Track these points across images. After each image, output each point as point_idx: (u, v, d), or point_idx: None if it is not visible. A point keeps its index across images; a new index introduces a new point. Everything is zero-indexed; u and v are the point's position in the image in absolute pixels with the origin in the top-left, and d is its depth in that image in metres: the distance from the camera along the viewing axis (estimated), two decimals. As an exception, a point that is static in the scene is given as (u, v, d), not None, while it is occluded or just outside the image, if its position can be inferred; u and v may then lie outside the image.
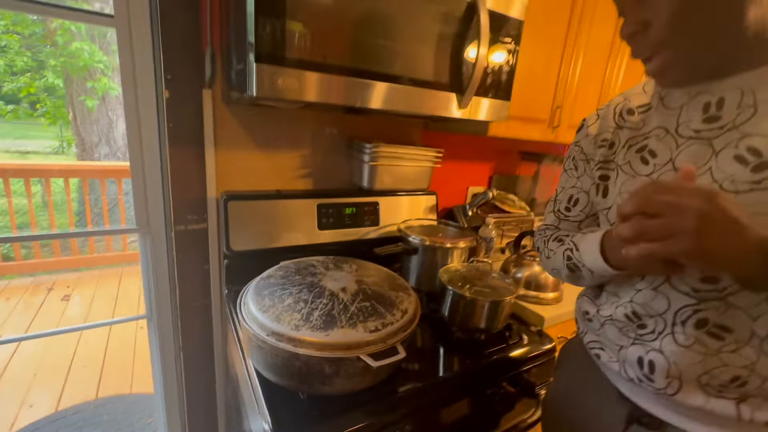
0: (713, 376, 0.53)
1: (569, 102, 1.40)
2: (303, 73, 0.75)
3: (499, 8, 0.96)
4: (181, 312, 1.12)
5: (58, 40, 4.10)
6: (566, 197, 0.75)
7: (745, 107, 0.50)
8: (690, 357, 0.53)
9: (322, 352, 0.61)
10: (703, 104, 0.54)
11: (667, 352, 0.55)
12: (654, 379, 0.57)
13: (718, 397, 0.53)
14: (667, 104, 0.59)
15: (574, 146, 0.74)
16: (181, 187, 1.03)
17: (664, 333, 0.56)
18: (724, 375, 0.52)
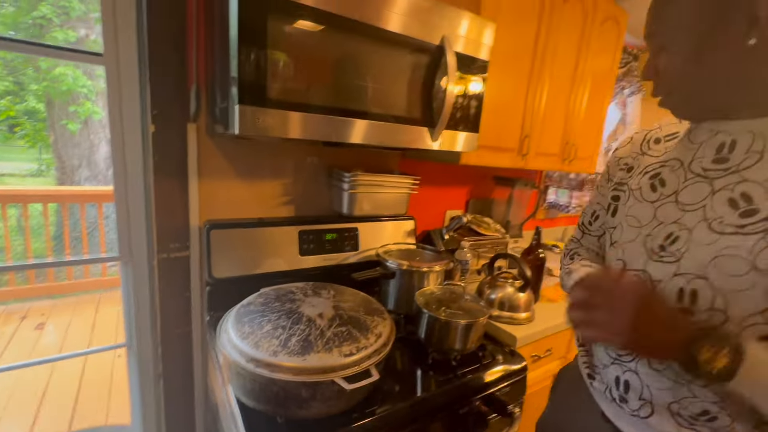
0: (683, 405, 0.54)
1: (537, 131, 1.50)
2: (283, 113, 0.81)
3: (465, 50, 1.05)
4: (162, 340, 1.13)
5: (41, 65, 4.10)
6: (590, 212, 0.81)
7: (753, 153, 0.52)
8: (661, 382, 0.56)
9: (298, 377, 0.64)
10: (718, 144, 0.56)
11: (641, 373, 0.58)
12: (628, 400, 0.60)
13: (689, 429, 0.55)
14: (691, 138, 0.61)
15: (605, 165, 0.78)
16: (165, 216, 1.06)
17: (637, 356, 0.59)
18: (694, 407, 0.53)
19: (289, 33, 0.79)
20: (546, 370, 1.32)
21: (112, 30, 0.98)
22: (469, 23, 1.03)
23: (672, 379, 0.55)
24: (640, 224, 0.62)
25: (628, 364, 0.60)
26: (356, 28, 0.86)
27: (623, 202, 0.67)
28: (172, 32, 0.97)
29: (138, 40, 1.00)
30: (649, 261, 0.59)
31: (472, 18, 1.03)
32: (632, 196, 0.66)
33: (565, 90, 1.57)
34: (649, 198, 0.62)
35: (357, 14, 0.85)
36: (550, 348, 1.29)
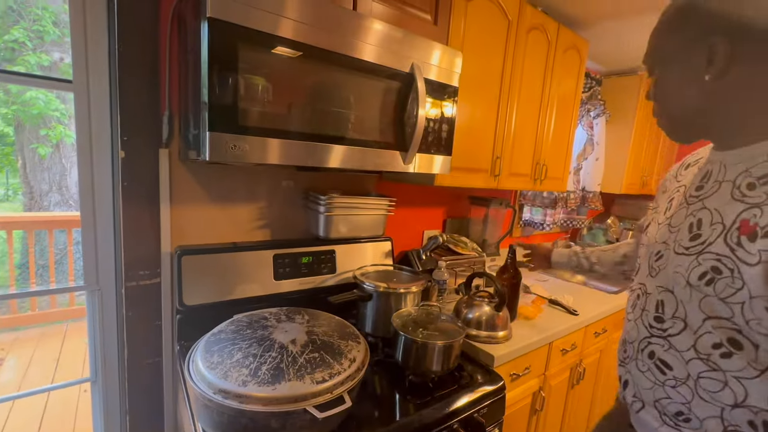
0: (663, 405, 0.62)
1: (508, 153, 1.56)
2: (255, 139, 0.81)
3: (435, 77, 1.09)
4: (129, 372, 1.08)
5: (11, 88, 4.01)
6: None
7: (716, 182, 0.59)
8: (645, 382, 0.65)
9: (267, 407, 0.62)
10: (704, 173, 0.63)
11: (633, 374, 0.68)
12: (626, 396, 0.70)
13: (670, 426, 0.62)
14: (699, 166, 0.67)
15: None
16: (134, 243, 1.03)
17: (632, 358, 0.68)
18: (671, 407, 0.61)
19: (261, 61, 0.80)
20: (525, 388, 1.32)
21: (82, 56, 0.98)
22: (438, 52, 1.08)
23: (651, 380, 0.64)
24: (648, 242, 0.70)
25: (627, 366, 0.70)
26: (328, 57, 0.89)
27: (649, 222, 0.75)
28: (145, 59, 0.98)
29: (109, 66, 1.01)
30: (649, 276, 0.67)
31: (440, 48, 1.08)
32: (654, 218, 0.73)
33: (534, 113, 1.64)
34: (659, 220, 0.70)
35: (328, 44, 0.88)
36: (528, 366, 1.29)
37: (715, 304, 0.53)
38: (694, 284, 0.55)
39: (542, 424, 1.46)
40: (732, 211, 0.54)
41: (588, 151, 2.32)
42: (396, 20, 1.11)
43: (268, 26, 0.79)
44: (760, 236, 0.49)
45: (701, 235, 0.57)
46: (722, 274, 0.52)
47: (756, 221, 0.50)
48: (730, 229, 0.53)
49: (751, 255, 0.49)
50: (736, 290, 0.51)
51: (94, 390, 1.14)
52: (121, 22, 0.94)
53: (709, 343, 0.55)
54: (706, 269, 0.54)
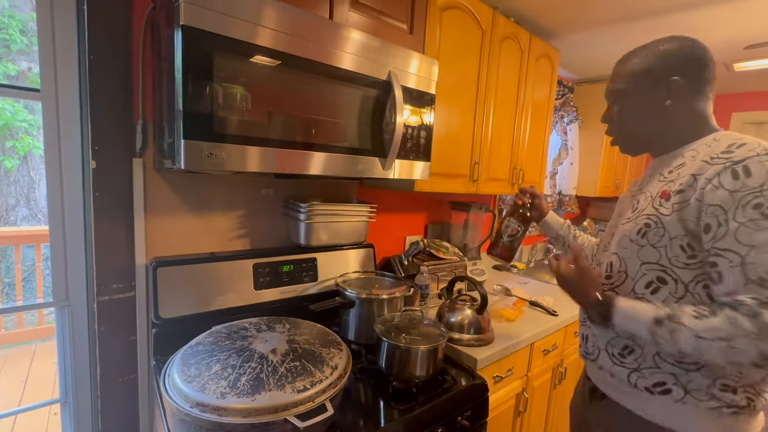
0: (613, 345, 0.80)
1: (486, 158, 1.59)
2: (231, 146, 0.81)
3: (412, 85, 1.11)
4: (102, 391, 1.04)
5: (-25, 98, 3.84)
6: None
7: (649, 177, 0.83)
8: (601, 330, 0.82)
9: (247, 419, 0.61)
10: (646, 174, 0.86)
11: (592, 327, 0.85)
12: (588, 348, 0.87)
13: (618, 365, 0.79)
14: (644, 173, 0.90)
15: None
16: (107, 256, 1.00)
17: None
18: (619, 343, 0.78)
19: (236, 68, 0.80)
20: (509, 390, 1.33)
21: (50, 64, 0.95)
22: (415, 61, 1.10)
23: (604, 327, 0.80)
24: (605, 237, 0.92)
25: (585, 323, 0.88)
26: (305, 66, 0.89)
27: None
28: (117, 67, 0.96)
29: (79, 74, 0.98)
30: (602, 252, 0.89)
31: (416, 56, 1.10)
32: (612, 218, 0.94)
33: (509, 119, 1.69)
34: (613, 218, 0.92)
35: (305, 52, 0.88)
36: (511, 367, 1.31)
37: (649, 251, 0.73)
38: (634, 239, 0.75)
39: (526, 425, 1.47)
40: (656, 188, 0.76)
41: (563, 156, 2.40)
42: (372, 29, 1.13)
43: (243, 34, 0.79)
44: (673, 195, 0.71)
45: (638, 207, 0.79)
46: (650, 227, 0.73)
47: (670, 189, 0.72)
48: (654, 198, 0.75)
49: (667, 209, 0.71)
50: (660, 237, 0.71)
51: (65, 411, 1.09)
52: (91, 30, 0.92)
53: (643, 284, 0.75)
54: (641, 226, 0.74)
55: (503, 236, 1.16)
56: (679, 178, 0.71)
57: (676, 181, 0.72)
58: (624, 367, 0.77)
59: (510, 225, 1.16)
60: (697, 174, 0.68)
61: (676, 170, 0.74)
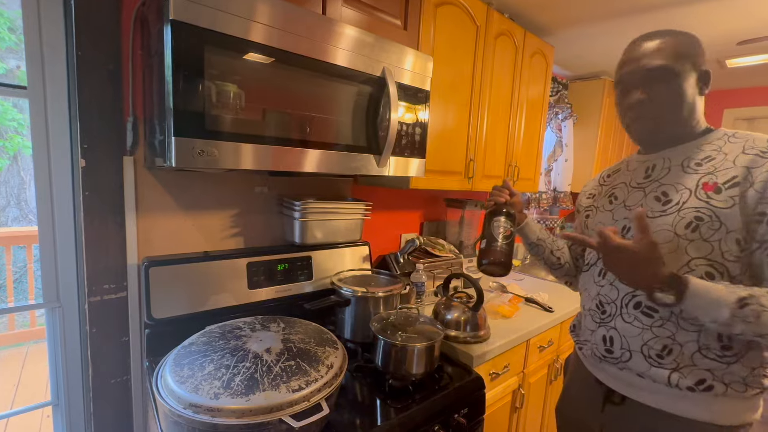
0: (650, 346, 0.75)
1: (480, 155, 1.59)
2: (223, 144, 0.79)
3: (407, 81, 1.10)
4: (95, 393, 1.02)
5: (-38, 97, 3.78)
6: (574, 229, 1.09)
7: (664, 169, 0.81)
8: (632, 331, 0.77)
9: (241, 419, 0.60)
10: (645, 167, 0.85)
11: (619, 328, 0.80)
12: (613, 351, 0.81)
13: (656, 367, 0.74)
14: (629, 168, 0.91)
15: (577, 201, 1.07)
16: (98, 256, 0.98)
17: (615, 314, 0.80)
18: (657, 345, 0.74)
19: (228, 64, 0.79)
20: (505, 386, 1.34)
21: (37, 61, 0.93)
22: (409, 57, 1.09)
23: (639, 326, 0.76)
24: (604, 225, 0.87)
25: (609, 324, 0.82)
26: (298, 61, 0.88)
27: (592, 217, 0.94)
28: (106, 63, 0.94)
29: (68, 71, 0.96)
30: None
31: (411, 52, 1.09)
32: (598, 211, 0.93)
33: (504, 116, 1.68)
34: (608, 208, 0.90)
35: (298, 48, 0.87)
36: (507, 364, 1.31)
37: (700, 245, 0.70)
38: (682, 234, 0.71)
39: (523, 421, 1.48)
40: (690, 180, 0.74)
41: (558, 153, 2.40)
42: (366, 25, 1.12)
43: (234, 30, 0.78)
44: (726, 189, 0.69)
45: (672, 200, 0.75)
46: (703, 221, 0.70)
47: (715, 180, 0.71)
48: (696, 190, 0.72)
49: (724, 201, 0.69)
50: (715, 230, 0.69)
51: (56, 414, 1.07)
52: (79, 26, 0.90)
53: None
54: (689, 220, 0.71)
55: (497, 240, 0.92)
56: (720, 170, 0.71)
57: (717, 173, 0.71)
58: (663, 368, 0.74)
59: (504, 225, 0.95)
60: (750, 167, 0.68)
61: (706, 163, 0.74)
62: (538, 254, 1.08)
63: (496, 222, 0.95)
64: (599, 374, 0.87)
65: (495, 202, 1.02)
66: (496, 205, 1.01)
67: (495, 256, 0.91)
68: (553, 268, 1.08)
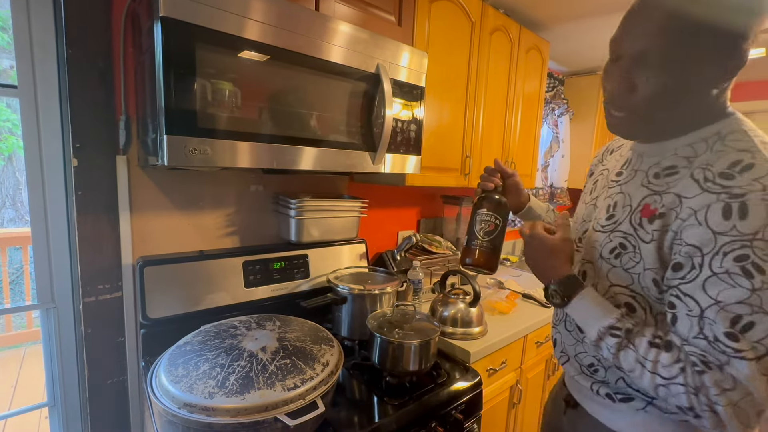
0: (581, 358, 0.73)
1: (477, 151, 1.58)
2: (216, 142, 0.79)
3: (401, 78, 1.09)
4: (91, 393, 1.02)
5: (-45, 98, 3.74)
6: None
7: (632, 171, 0.68)
8: (570, 339, 0.75)
9: (236, 418, 0.60)
10: (626, 159, 0.72)
11: (562, 333, 0.78)
12: (556, 353, 0.80)
13: (587, 375, 0.72)
14: (622, 153, 0.77)
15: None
16: (92, 256, 0.98)
17: (561, 320, 0.79)
18: (586, 360, 0.72)
19: (220, 61, 0.78)
20: (503, 382, 1.34)
21: (27, 60, 0.92)
22: (404, 53, 1.09)
23: (574, 338, 0.74)
24: (577, 220, 0.80)
25: (558, 327, 0.80)
26: (291, 58, 0.87)
27: (581, 202, 0.84)
28: (97, 61, 0.93)
29: (58, 70, 0.95)
30: (576, 252, 0.76)
31: (405, 48, 1.09)
32: (582, 198, 0.83)
33: (500, 112, 1.68)
34: (585, 200, 0.80)
35: (291, 45, 0.86)
36: (504, 360, 1.31)
37: (620, 273, 0.64)
38: (605, 257, 0.66)
39: (520, 417, 1.48)
40: (638, 196, 0.64)
41: (554, 149, 2.40)
42: (360, 21, 1.11)
43: (226, 26, 0.77)
44: (655, 219, 0.59)
45: (615, 215, 0.67)
46: (626, 249, 0.63)
47: (656, 206, 0.60)
48: (634, 211, 0.63)
49: (647, 234, 0.60)
50: (636, 263, 0.61)
51: (53, 415, 1.07)
52: (69, 24, 0.89)
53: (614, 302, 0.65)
54: (615, 245, 0.65)
55: (478, 236, 0.81)
56: (666, 192, 0.59)
57: (662, 195, 0.60)
58: (590, 377, 0.72)
59: (485, 219, 0.81)
60: (682, 195, 0.56)
61: (665, 177, 0.61)
62: None
63: (479, 215, 0.81)
64: (565, 375, 0.85)
65: (482, 189, 0.86)
66: (483, 194, 0.85)
67: (473, 257, 0.80)
68: None
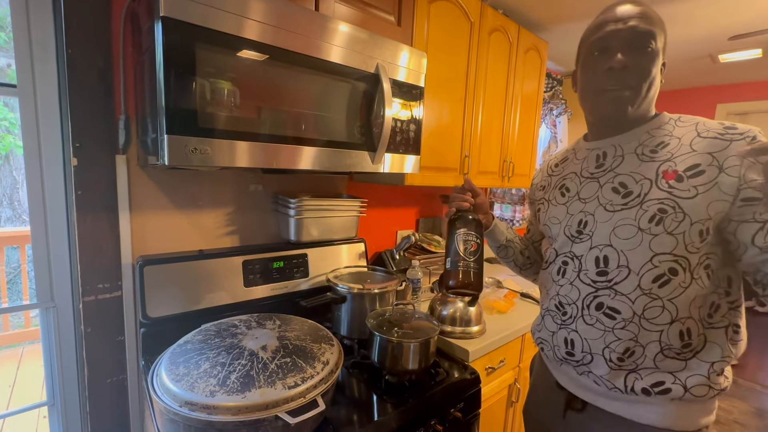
0: (612, 349, 0.70)
1: (475, 151, 1.59)
2: (216, 141, 0.79)
3: (401, 78, 1.10)
4: (90, 392, 1.02)
5: (-48, 97, 3.72)
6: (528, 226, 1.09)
7: (617, 157, 0.75)
8: (594, 333, 0.72)
9: (237, 416, 0.60)
10: (596, 155, 0.79)
11: (580, 330, 0.74)
12: (575, 353, 0.75)
13: (615, 370, 0.70)
14: (577, 157, 0.84)
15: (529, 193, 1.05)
16: (91, 255, 0.98)
17: (577, 316, 0.75)
18: (619, 347, 0.69)
19: (220, 61, 0.78)
20: (501, 381, 1.35)
21: (27, 59, 0.92)
22: (403, 53, 1.09)
23: (600, 329, 0.71)
24: (559, 221, 0.82)
25: (570, 326, 0.76)
26: (291, 58, 0.88)
27: (544, 211, 0.88)
28: (96, 61, 0.94)
29: (58, 69, 0.95)
30: (573, 243, 0.78)
31: (405, 48, 1.09)
32: (550, 205, 0.87)
33: (499, 112, 1.68)
34: (560, 202, 0.84)
35: (291, 45, 0.87)
36: (503, 358, 1.32)
37: (664, 239, 0.65)
38: (645, 228, 0.67)
39: (519, 415, 1.49)
40: (649, 169, 0.69)
41: (552, 149, 2.41)
42: (360, 21, 1.11)
43: (226, 26, 0.77)
44: (687, 177, 0.65)
45: (632, 191, 0.70)
46: (667, 213, 0.65)
47: (675, 168, 0.66)
48: (656, 180, 0.68)
49: (687, 191, 0.64)
50: (679, 222, 0.64)
51: (52, 414, 1.07)
52: (68, 23, 0.89)
53: (651, 277, 0.67)
54: (653, 213, 0.66)
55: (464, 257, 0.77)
56: (678, 156, 0.67)
57: (675, 159, 0.67)
58: (621, 369, 0.70)
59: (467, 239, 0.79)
60: (713, 152, 0.64)
61: (661, 149, 0.70)
62: (507, 257, 1.02)
63: (459, 236, 0.80)
64: (561, 377, 0.83)
65: (457, 208, 0.88)
66: (458, 213, 0.86)
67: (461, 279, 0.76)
68: (524, 268, 1.04)
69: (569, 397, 0.80)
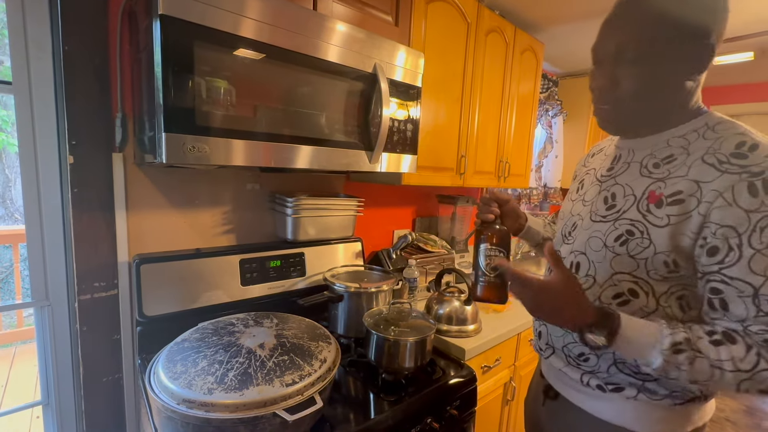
0: (569, 349, 0.73)
1: (472, 151, 1.60)
2: (214, 140, 0.79)
3: (398, 78, 1.10)
4: (86, 391, 1.01)
5: (-57, 94, 3.67)
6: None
7: (624, 164, 0.71)
8: (557, 331, 0.75)
9: (235, 414, 0.60)
10: (613, 157, 0.75)
11: (548, 325, 0.78)
12: (542, 346, 0.80)
13: (574, 366, 0.73)
14: (606, 153, 0.81)
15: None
16: (87, 253, 0.98)
17: None
18: (575, 350, 0.72)
19: (218, 60, 0.78)
20: (497, 379, 1.36)
21: (22, 56, 0.92)
22: (401, 53, 1.10)
23: (562, 329, 0.74)
24: (563, 217, 0.82)
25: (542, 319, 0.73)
26: (289, 57, 0.88)
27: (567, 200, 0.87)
28: (93, 58, 0.93)
29: (54, 66, 0.95)
30: (563, 244, 0.78)
31: (402, 48, 1.10)
32: (567, 198, 0.86)
33: (495, 112, 1.70)
34: (572, 197, 0.83)
35: (288, 44, 0.87)
36: (499, 357, 1.33)
37: (625, 260, 0.64)
38: (610, 245, 0.66)
39: (514, 413, 1.50)
40: (641, 185, 0.66)
41: (548, 149, 2.43)
42: (357, 21, 1.12)
43: (224, 25, 0.77)
44: (666, 204, 0.61)
45: (616, 205, 0.68)
46: (634, 235, 0.63)
47: (661, 191, 0.62)
48: (640, 200, 0.65)
49: (660, 218, 0.61)
50: (644, 248, 0.62)
51: (47, 413, 1.06)
52: (65, 20, 0.89)
53: (610, 294, 0.67)
54: (621, 232, 0.65)
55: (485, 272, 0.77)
56: (671, 177, 0.62)
57: (667, 181, 0.62)
58: (579, 368, 0.72)
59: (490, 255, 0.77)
60: (700, 181, 0.58)
61: (665, 165, 0.64)
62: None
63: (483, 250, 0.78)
64: (543, 367, 0.86)
65: (482, 220, 0.82)
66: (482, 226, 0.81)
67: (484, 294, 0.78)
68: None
69: (546, 385, 0.83)
